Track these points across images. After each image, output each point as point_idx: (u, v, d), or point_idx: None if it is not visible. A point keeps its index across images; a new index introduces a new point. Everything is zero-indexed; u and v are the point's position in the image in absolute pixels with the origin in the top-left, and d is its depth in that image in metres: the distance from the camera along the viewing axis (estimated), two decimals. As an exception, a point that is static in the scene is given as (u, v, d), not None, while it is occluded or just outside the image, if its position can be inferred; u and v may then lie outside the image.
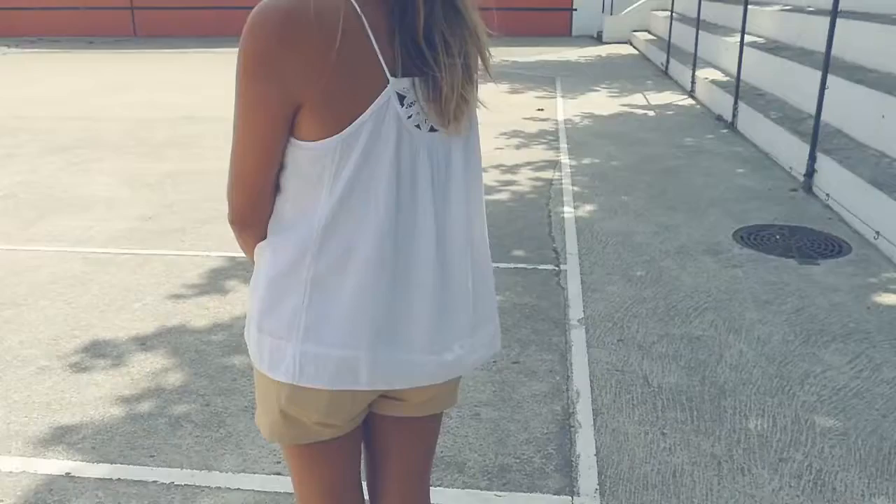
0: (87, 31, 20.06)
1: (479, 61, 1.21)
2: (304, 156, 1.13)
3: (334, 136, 1.09)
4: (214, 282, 4.11)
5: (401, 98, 1.11)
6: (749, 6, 8.24)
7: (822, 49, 5.71)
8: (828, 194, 5.36)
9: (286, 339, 1.20)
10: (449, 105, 1.14)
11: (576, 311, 3.71)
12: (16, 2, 20.67)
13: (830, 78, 5.82)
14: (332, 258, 1.16)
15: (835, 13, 5.63)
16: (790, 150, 6.22)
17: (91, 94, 10.69)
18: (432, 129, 1.17)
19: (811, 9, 9.47)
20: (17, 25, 20.59)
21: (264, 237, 1.23)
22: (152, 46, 17.51)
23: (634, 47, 16.21)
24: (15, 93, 11.01)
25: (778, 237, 4.74)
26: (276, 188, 1.19)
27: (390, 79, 1.09)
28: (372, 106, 1.09)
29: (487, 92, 1.34)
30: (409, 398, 1.34)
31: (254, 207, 1.20)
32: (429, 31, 1.09)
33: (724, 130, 7.83)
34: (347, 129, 1.09)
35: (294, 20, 1.03)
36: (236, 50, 1.09)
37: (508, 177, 6.11)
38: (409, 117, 1.13)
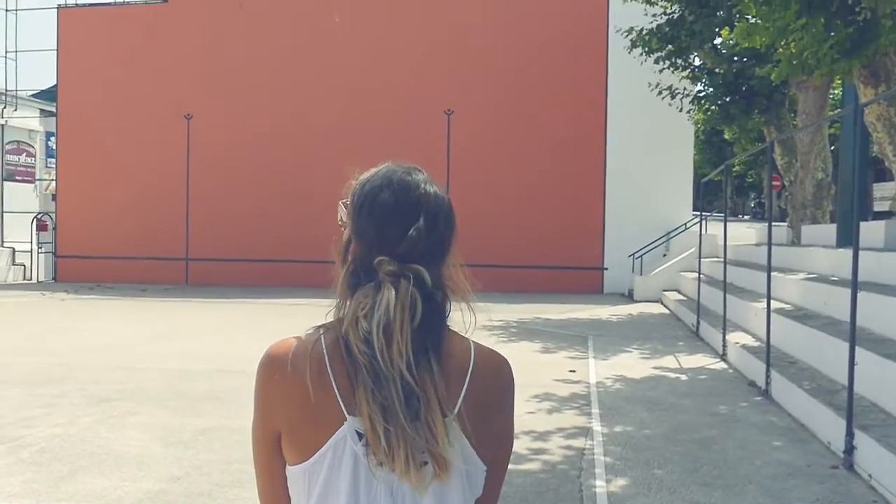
0: (142, 278, 21.31)
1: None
2: (289, 476, 1.28)
3: (303, 463, 1.24)
4: (236, 555, 4.01)
5: (360, 435, 1.21)
6: (773, 273, 8.55)
7: (849, 320, 5.83)
8: (870, 474, 5.19)
9: None
10: (392, 453, 1.17)
11: None
12: (80, 250, 22.28)
13: (860, 351, 5.88)
14: None
15: (855, 289, 5.82)
16: (827, 424, 6.13)
17: (138, 343, 11.12)
18: None
19: (835, 278, 9.76)
20: (79, 272, 22.03)
21: None
22: (201, 295, 18.42)
23: (665, 306, 16.60)
24: (67, 339, 11.51)
25: (821, 521, 4.54)
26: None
27: (347, 417, 1.21)
28: (330, 440, 1.21)
29: (520, 351, 1.40)
30: None
31: None
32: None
33: (758, 398, 7.78)
34: (311, 458, 1.23)
35: (274, 363, 1.26)
36: (281, 301, 1.29)
37: (539, 444, 6.06)
38: (367, 455, 1.21)
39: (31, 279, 23.14)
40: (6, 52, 23.67)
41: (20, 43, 23.97)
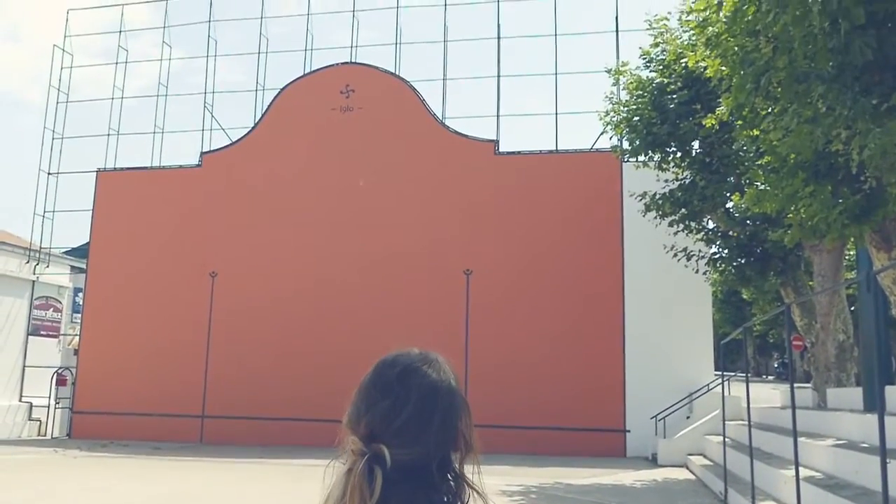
0: (156, 436, 20.99)
1: None
2: None
3: None
4: None
5: None
6: (801, 438, 8.28)
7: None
8: None
9: None
10: None
11: None
12: (97, 405, 22.15)
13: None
14: None
15: (884, 458, 5.63)
16: None
17: (147, 505, 10.82)
18: None
19: (864, 445, 9.45)
20: (94, 428, 21.77)
21: None
22: (215, 454, 18.05)
23: (691, 471, 16.01)
24: (74, 501, 11.22)
25: None
26: None
27: None
28: None
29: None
30: None
31: None
32: None
33: (793, 575, 7.34)
34: None
35: None
36: (296, 462, 1.29)
37: None
38: None
39: (45, 435, 22.89)
40: (44, 211, 24.74)
41: (57, 202, 24.83)
